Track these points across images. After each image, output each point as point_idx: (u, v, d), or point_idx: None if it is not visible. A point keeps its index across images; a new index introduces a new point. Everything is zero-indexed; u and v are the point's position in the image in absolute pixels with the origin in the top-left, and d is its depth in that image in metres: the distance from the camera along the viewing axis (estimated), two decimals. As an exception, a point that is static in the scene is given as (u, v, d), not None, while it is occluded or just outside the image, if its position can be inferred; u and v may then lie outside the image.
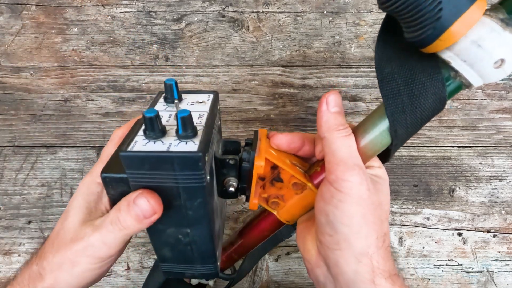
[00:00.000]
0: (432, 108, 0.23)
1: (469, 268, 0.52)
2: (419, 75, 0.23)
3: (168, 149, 0.24)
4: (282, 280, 0.51)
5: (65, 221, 0.26)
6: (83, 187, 0.27)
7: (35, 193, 0.54)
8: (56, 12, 0.64)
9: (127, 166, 0.24)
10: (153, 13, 0.64)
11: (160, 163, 0.24)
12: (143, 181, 0.25)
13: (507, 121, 0.58)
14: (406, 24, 0.21)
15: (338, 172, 0.23)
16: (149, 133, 0.24)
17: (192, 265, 0.32)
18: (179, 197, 0.26)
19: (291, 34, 0.63)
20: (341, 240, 0.22)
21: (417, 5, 0.19)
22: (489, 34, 0.20)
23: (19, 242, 0.52)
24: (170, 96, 0.29)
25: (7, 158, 0.56)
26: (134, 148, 0.24)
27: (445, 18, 0.19)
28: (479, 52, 0.20)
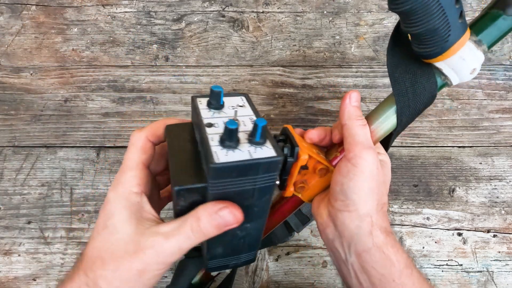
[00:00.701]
0: (426, 103, 0.32)
1: (469, 268, 0.52)
2: (420, 78, 0.31)
3: (251, 156, 0.25)
4: (282, 280, 0.51)
5: (113, 236, 0.25)
6: (122, 200, 0.26)
7: (35, 193, 0.54)
8: (56, 12, 0.64)
9: (215, 176, 0.25)
10: (153, 13, 0.64)
11: (247, 170, 0.25)
12: (225, 189, 0.26)
13: (507, 121, 0.58)
14: (419, 42, 0.29)
15: (357, 151, 0.29)
16: (228, 143, 0.25)
17: (238, 255, 0.34)
18: (252, 197, 0.28)
19: (291, 34, 0.63)
20: (350, 204, 0.28)
21: (435, 32, 0.27)
22: (469, 51, 0.29)
23: (19, 242, 0.52)
24: (216, 103, 0.29)
25: (7, 158, 0.56)
26: (221, 160, 0.24)
27: (450, 41, 0.27)
28: (462, 64, 0.29)
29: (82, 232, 0.52)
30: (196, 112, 0.29)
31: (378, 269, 0.27)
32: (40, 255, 0.51)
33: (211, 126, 0.27)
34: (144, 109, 0.59)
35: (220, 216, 0.25)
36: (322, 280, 0.51)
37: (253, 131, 0.26)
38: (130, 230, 0.25)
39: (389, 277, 0.27)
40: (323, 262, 0.52)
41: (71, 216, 0.53)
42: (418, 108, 0.32)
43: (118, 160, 0.56)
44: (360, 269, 0.28)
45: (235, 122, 0.25)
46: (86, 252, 0.26)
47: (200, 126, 0.27)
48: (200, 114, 0.28)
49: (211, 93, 0.29)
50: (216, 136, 0.26)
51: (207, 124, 0.27)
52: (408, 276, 0.28)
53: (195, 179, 0.26)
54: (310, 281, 0.51)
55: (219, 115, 0.29)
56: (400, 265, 0.27)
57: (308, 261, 0.52)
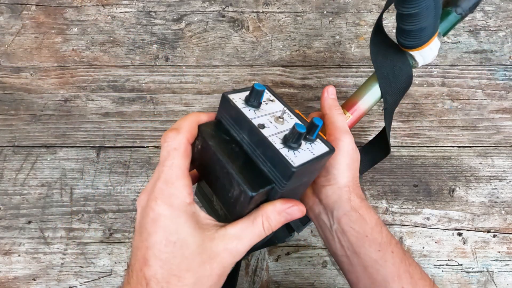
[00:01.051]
0: (405, 82, 0.40)
1: (469, 268, 0.52)
2: (397, 63, 0.39)
3: (313, 154, 0.27)
4: (282, 280, 0.51)
5: (184, 251, 0.25)
6: (181, 214, 0.25)
7: (35, 193, 0.54)
8: (56, 12, 0.64)
9: (294, 177, 0.26)
10: (153, 13, 0.64)
11: (312, 166, 0.27)
12: (290, 186, 0.27)
13: (507, 121, 0.58)
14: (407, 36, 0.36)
15: (337, 135, 0.34)
16: (292, 144, 0.27)
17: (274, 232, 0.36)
18: (304, 186, 0.32)
19: (291, 34, 0.63)
20: (332, 178, 0.33)
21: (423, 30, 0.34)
22: (435, 43, 0.38)
23: (19, 242, 0.52)
24: (257, 101, 0.29)
25: (7, 158, 0.56)
26: (296, 163, 0.26)
27: (428, 37, 0.36)
28: (430, 52, 0.38)
29: (82, 232, 0.52)
30: (236, 112, 0.28)
31: (355, 228, 0.32)
32: (40, 255, 0.51)
33: (263, 127, 0.28)
34: (144, 109, 0.59)
35: (288, 213, 0.28)
36: (322, 280, 0.51)
37: (310, 129, 0.28)
38: (199, 240, 0.25)
39: (363, 233, 0.32)
40: (323, 262, 0.52)
41: (71, 216, 0.53)
42: (399, 87, 0.39)
43: (118, 160, 0.56)
44: (341, 232, 0.33)
45: (303, 126, 0.26)
46: (153, 275, 0.24)
47: (251, 127, 0.27)
48: (244, 114, 0.28)
49: (253, 91, 0.28)
50: (274, 137, 0.27)
51: (259, 126, 0.27)
52: (379, 232, 0.32)
53: (262, 182, 0.26)
54: (310, 281, 0.51)
55: (260, 114, 0.29)
56: (371, 223, 0.32)
57: (308, 261, 0.52)
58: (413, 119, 0.58)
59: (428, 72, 0.61)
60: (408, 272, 0.31)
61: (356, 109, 0.41)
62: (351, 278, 0.33)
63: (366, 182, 0.55)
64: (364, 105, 0.41)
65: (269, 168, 0.27)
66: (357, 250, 0.32)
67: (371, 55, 0.41)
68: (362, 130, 0.58)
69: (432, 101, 0.59)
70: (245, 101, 0.29)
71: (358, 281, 0.32)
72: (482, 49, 0.62)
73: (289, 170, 0.25)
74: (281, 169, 0.26)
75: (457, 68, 0.61)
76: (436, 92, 0.60)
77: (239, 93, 0.30)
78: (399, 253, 0.32)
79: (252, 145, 0.27)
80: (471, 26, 0.63)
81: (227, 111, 0.29)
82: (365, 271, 0.31)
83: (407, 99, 0.59)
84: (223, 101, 0.29)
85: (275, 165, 0.26)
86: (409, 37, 0.36)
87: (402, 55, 0.39)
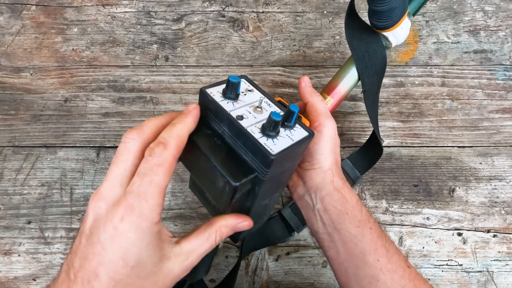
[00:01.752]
0: (380, 63, 0.42)
1: (469, 268, 0.52)
2: (371, 44, 0.41)
3: (293, 140, 0.28)
4: (282, 280, 0.51)
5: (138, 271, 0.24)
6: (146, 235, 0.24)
7: (35, 193, 0.54)
8: (56, 12, 0.64)
9: (273, 166, 0.26)
10: (153, 13, 0.64)
11: (293, 152, 0.28)
12: (273, 172, 0.28)
13: (507, 121, 0.58)
14: (379, 17, 0.37)
15: (321, 120, 0.35)
16: (271, 133, 0.27)
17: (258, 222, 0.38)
18: (287, 171, 0.32)
19: (291, 34, 0.63)
20: (316, 163, 0.35)
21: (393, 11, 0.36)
22: (405, 23, 0.40)
23: (19, 242, 0.52)
24: (234, 94, 0.29)
25: (7, 158, 0.56)
26: (275, 150, 0.26)
27: (399, 17, 0.38)
28: (402, 32, 0.40)
29: (82, 232, 0.52)
30: (215, 105, 0.28)
31: (336, 206, 0.34)
32: (40, 255, 0.51)
33: (242, 118, 0.28)
34: (144, 109, 0.59)
35: (238, 228, 0.30)
36: (322, 280, 0.51)
37: (287, 117, 0.28)
38: (156, 260, 0.25)
39: (344, 211, 0.34)
40: (323, 262, 0.52)
41: (71, 216, 0.53)
42: (375, 69, 0.42)
43: (118, 160, 0.56)
44: (323, 211, 0.35)
45: (279, 113, 0.27)
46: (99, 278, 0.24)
47: (230, 119, 0.27)
48: (222, 107, 0.28)
49: (229, 84, 0.29)
50: (253, 127, 0.28)
51: (237, 117, 0.28)
52: (359, 211, 0.34)
53: (245, 172, 0.27)
54: (310, 281, 0.51)
55: (239, 105, 0.29)
56: (352, 202, 0.34)
57: (308, 261, 0.52)
58: (413, 119, 0.58)
59: (428, 72, 0.61)
60: (384, 246, 0.33)
61: (337, 92, 0.43)
62: (331, 254, 0.35)
63: (366, 182, 0.55)
64: (343, 88, 0.43)
65: (251, 157, 0.27)
66: (338, 226, 0.34)
67: (347, 38, 0.43)
68: (362, 130, 0.58)
69: (432, 101, 0.59)
70: (222, 94, 0.29)
71: (338, 256, 0.34)
72: (482, 49, 0.62)
73: (268, 158, 0.26)
74: (261, 157, 0.27)
75: (457, 68, 0.61)
76: (436, 92, 0.60)
77: (217, 86, 0.30)
78: (377, 230, 0.34)
79: (232, 136, 0.28)
80: (471, 26, 0.63)
81: (206, 105, 0.29)
82: (345, 246, 0.33)
83: (407, 99, 0.59)
84: (202, 96, 0.29)
85: (256, 154, 0.27)
86: (380, 18, 0.38)
87: (375, 36, 0.41)
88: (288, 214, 0.52)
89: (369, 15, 0.39)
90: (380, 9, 0.36)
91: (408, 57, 0.62)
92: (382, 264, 0.32)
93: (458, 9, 0.64)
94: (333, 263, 0.35)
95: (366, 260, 0.32)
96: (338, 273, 0.35)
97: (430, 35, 0.63)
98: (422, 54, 0.62)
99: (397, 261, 0.33)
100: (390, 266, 0.32)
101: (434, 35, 0.63)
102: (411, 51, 0.62)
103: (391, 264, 0.32)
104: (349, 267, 0.33)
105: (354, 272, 0.33)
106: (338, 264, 0.34)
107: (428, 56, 0.62)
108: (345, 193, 0.35)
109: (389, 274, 0.32)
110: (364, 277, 0.32)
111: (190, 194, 0.54)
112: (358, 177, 0.54)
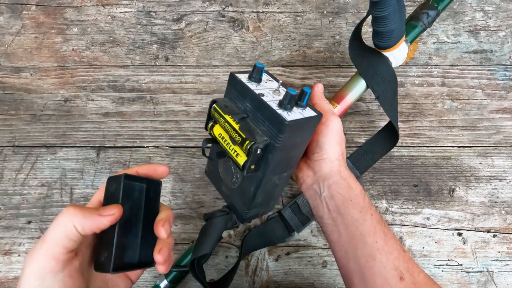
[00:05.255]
0: (386, 71, 0.47)
1: (469, 268, 0.52)
2: (373, 58, 0.47)
3: (303, 115, 0.33)
4: (282, 280, 0.51)
5: None
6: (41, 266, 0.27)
7: (35, 193, 0.54)
8: (56, 12, 0.64)
9: (286, 131, 0.31)
10: (153, 13, 0.64)
11: (303, 125, 0.33)
12: (285, 143, 0.32)
13: (507, 121, 0.58)
14: (381, 37, 0.44)
15: (327, 117, 0.39)
16: (287, 106, 0.32)
17: (268, 204, 0.41)
18: (297, 147, 0.36)
19: (291, 34, 0.63)
20: (324, 153, 0.38)
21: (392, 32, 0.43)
22: (403, 46, 0.46)
23: (19, 242, 0.52)
24: (258, 77, 0.35)
25: (7, 158, 0.56)
26: (288, 118, 0.31)
27: (397, 39, 0.44)
28: (400, 54, 0.47)
29: (82, 232, 0.52)
30: (241, 85, 0.34)
31: (342, 193, 0.37)
32: (40, 255, 0.51)
33: (262, 95, 0.33)
34: (144, 109, 0.59)
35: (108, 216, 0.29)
36: (322, 280, 0.51)
37: (300, 96, 0.33)
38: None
39: (348, 198, 0.37)
40: (323, 262, 0.52)
41: (71, 216, 0.53)
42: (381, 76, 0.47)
43: (118, 160, 0.56)
44: (329, 197, 0.38)
45: (295, 90, 0.32)
46: None
47: (253, 95, 0.33)
48: (247, 85, 0.34)
49: (255, 68, 0.35)
50: (271, 102, 0.32)
51: (259, 94, 0.33)
52: (362, 199, 0.37)
53: (260, 137, 0.32)
54: (310, 281, 0.51)
55: (261, 87, 0.35)
56: (356, 190, 0.38)
57: (308, 261, 0.52)
58: (413, 119, 0.58)
59: (428, 72, 0.61)
60: (383, 231, 0.36)
61: (345, 101, 0.49)
62: (333, 237, 0.38)
63: (366, 182, 0.55)
64: (351, 98, 0.49)
65: (267, 126, 0.32)
66: (342, 211, 0.37)
67: (351, 56, 0.49)
68: (362, 130, 0.58)
69: (432, 101, 0.59)
70: (248, 78, 0.35)
71: (340, 239, 0.37)
72: (482, 49, 0.62)
73: (283, 123, 0.30)
74: (276, 124, 0.31)
75: (457, 68, 0.61)
76: (436, 92, 0.60)
77: (243, 73, 0.36)
78: (377, 217, 0.37)
79: (252, 109, 0.34)
80: (471, 26, 0.63)
81: (234, 86, 0.35)
82: (347, 229, 0.36)
83: (407, 99, 0.59)
84: (231, 79, 0.35)
85: (272, 122, 0.32)
86: (382, 39, 0.44)
87: (378, 54, 0.47)
88: (288, 214, 0.52)
89: (373, 36, 0.45)
90: (381, 30, 0.42)
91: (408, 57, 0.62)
92: (379, 245, 0.35)
93: (458, 9, 0.64)
94: (334, 245, 0.38)
95: (365, 241, 0.35)
96: (339, 254, 0.37)
97: (430, 35, 0.63)
98: (422, 54, 0.62)
99: (393, 244, 0.35)
100: (386, 247, 0.35)
101: (434, 35, 0.63)
102: (411, 51, 0.62)
103: (387, 246, 0.35)
104: (349, 248, 0.36)
105: (353, 252, 0.35)
106: (339, 246, 0.37)
107: (428, 56, 0.62)
108: (350, 182, 0.38)
109: (385, 255, 0.34)
110: (362, 256, 0.35)
111: (191, 194, 0.54)
112: (358, 177, 0.54)
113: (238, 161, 0.33)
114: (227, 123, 0.33)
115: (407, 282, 0.33)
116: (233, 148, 0.34)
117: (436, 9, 0.49)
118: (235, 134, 0.33)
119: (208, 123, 0.36)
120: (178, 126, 0.58)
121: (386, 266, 0.34)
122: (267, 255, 0.52)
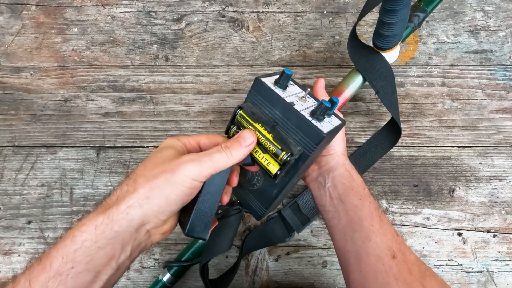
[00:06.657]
0: (384, 68, 0.50)
1: (469, 268, 0.52)
2: (371, 56, 0.50)
3: (332, 124, 0.34)
4: (282, 280, 0.51)
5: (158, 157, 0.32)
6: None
7: (35, 193, 0.54)
8: (56, 12, 0.64)
9: (323, 142, 0.32)
10: (153, 13, 0.64)
11: (333, 134, 0.35)
12: (318, 150, 0.33)
13: (507, 121, 0.58)
14: (383, 39, 0.46)
15: None
16: (320, 116, 0.33)
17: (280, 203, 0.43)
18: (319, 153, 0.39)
19: (291, 34, 0.63)
20: (331, 149, 0.41)
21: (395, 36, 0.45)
22: (398, 47, 0.49)
23: (19, 242, 0.52)
24: (286, 84, 0.35)
25: (7, 158, 0.56)
26: (325, 129, 0.32)
27: (396, 42, 0.47)
28: (394, 54, 0.50)
29: (82, 232, 0.52)
30: (270, 92, 0.34)
31: (344, 182, 0.40)
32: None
33: (294, 104, 0.33)
34: (144, 109, 0.59)
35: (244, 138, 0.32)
36: (322, 280, 0.51)
37: (330, 107, 0.33)
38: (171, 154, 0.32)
39: (350, 187, 0.40)
40: (323, 262, 0.52)
41: (71, 216, 0.53)
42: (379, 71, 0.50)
43: (118, 160, 0.56)
44: (333, 187, 0.40)
45: (328, 102, 0.32)
46: (135, 169, 0.32)
47: (285, 104, 0.33)
48: (278, 94, 0.34)
49: (283, 75, 0.34)
50: (304, 112, 0.33)
51: (291, 103, 0.33)
52: (362, 188, 0.40)
53: (294, 148, 0.32)
54: (310, 281, 0.51)
55: (287, 94, 0.35)
56: (358, 181, 0.40)
57: (308, 261, 0.52)
58: (413, 119, 0.58)
59: (428, 72, 0.61)
60: (379, 216, 0.38)
61: (343, 96, 0.51)
62: (333, 222, 0.40)
63: (366, 182, 0.55)
64: (349, 92, 0.51)
65: (300, 136, 0.33)
66: (343, 198, 0.40)
67: (349, 54, 0.51)
68: (362, 130, 0.58)
69: (432, 101, 0.59)
70: (274, 83, 0.35)
71: (339, 223, 0.39)
72: (482, 49, 0.62)
73: (320, 135, 0.31)
74: (312, 136, 0.32)
75: (457, 68, 0.61)
76: (436, 92, 0.60)
77: (268, 77, 0.36)
78: (375, 205, 0.39)
79: (284, 118, 0.33)
80: (471, 26, 0.63)
81: (259, 91, 0.34)
82: (346, 214, 0.39)
83: (407, 99, 0.59)
84: (257, 83, 0.35)
85: (307, 133, 0.32)
86: (384, 41, 0.46)
87: (375, 52, 0.50)
88: (288, 214, 0.52)
89: (374, 37, 0.47)
90: (387, 33, 0.45)
91: (408, 57, 0.62)
92: (375, 228, 0.37)
93: (458, 9, 0.64)
94: (333, 230, 0.40)
95: (363, 225, 0.38)
96: (337, 238, 0.40)
97: (430, 35, 0.63)
98: (422, 54, 0.62)
99: (387, 228, 0.38)
100: (381, 230, 0.37)
101: (434, 35, 0.63)
102: (411, 51, 0.62)
103: (382, 229, 0.37)
104: (347, 231, 0.39)
105: (351, 235, 0.38)
106: (338, 230, 0.40)
107: (428, 56, 0.62)
108: (353, 173, 0.41)
109: (379, 236, 0.37)
110: (359, 238, 0.37)
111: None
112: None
113: (270, 170, 0.33)
114: (258, 132, 0.33)
115: (399, 260, 0.36)
116: (263, 156, 0.34)
117: (425, 12, 0.52)
118: (268, 144, 0.33)
119: (231, 128, 0.36)
120: (178, 126, 0.58)
121: (380, 246, 0.36)
122: (267, 255, 0.52)
